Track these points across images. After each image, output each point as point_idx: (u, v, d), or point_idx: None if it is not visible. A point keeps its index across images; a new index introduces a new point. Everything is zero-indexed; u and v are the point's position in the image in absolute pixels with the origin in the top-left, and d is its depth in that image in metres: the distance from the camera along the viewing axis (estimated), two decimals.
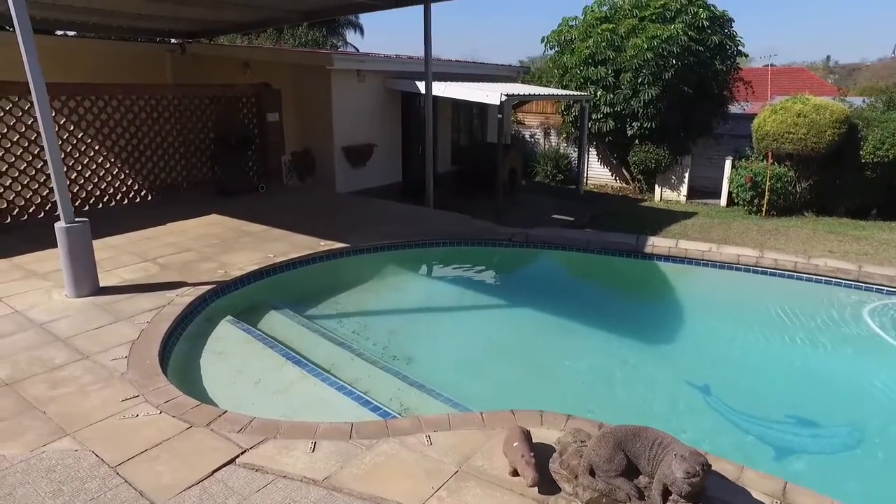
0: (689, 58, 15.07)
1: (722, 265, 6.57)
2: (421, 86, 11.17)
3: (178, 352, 4.41)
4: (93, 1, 8.73)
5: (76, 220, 4.95)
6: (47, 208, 7.55)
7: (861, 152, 13.83)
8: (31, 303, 4.87)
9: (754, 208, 14.75)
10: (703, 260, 6.66)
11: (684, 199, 16.86)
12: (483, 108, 14.73)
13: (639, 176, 17.29)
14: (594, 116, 16.72)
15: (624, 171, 18.35)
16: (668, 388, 4.95)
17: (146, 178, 8.78)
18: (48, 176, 7.02)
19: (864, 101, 15.86)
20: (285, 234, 7.03)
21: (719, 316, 6.07)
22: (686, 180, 16.74)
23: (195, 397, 3.52)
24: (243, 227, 7.34)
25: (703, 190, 17.06)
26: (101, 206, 8.22)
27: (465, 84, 11.73)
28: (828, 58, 50.88)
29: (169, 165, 9.02)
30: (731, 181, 15.40)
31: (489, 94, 10.43)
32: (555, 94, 14.74)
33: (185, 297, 4.99)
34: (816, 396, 4.68)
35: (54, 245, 4.99)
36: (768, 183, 14.26)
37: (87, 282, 5.02)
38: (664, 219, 14.07)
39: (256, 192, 9.56)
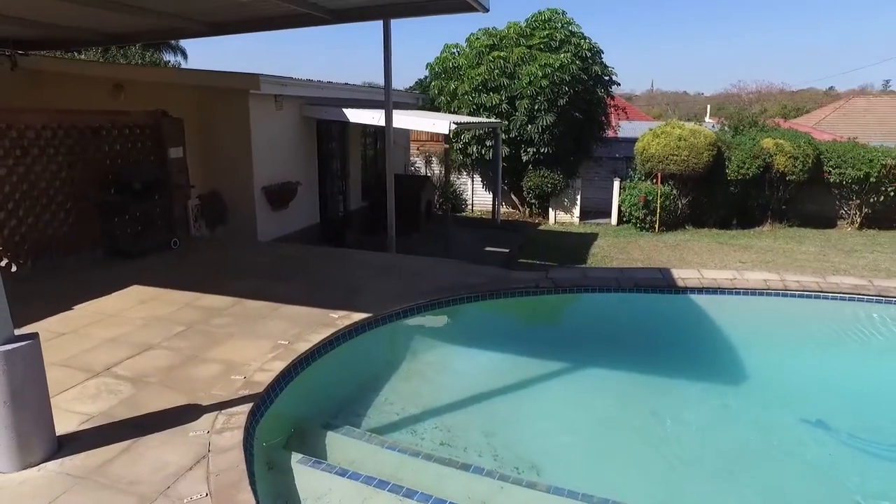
0: (578, 85, 15.67)
1: (753, 292, 6.40)
2: (349, 113, 9.82)
3: None
4: None
5: (19, 335, 2.92)
6: None
7: (727, 171, 15.51)
8: None
9: (646, 225, 15.70)
10: (733, 289, 6.43)
11: (577, 220, 17.43)
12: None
13: (533, 200, 17.49)
14: (487, 143, 16.59)
15: (513, 196, 18.49)
16: (788, 430, 4.55)
17: (9, 239, 6.19)
18: None
19: (713, 126, 18.00)
20: (269, 306, 5.28)
21: (789, 345, 5.84)
22: (578, 202, 17.33)
23: None
24: (199, 303, 5.39)
25: (587, 210, 17.83)
26: None
27: (406, 112, 10.58)
28: (651, 84, 57.72)
29: (42, 221, 6.49)
30: (622, 201, 16.25)
31: (436, 122, 9.44)
32: (485, 122, 14.28)
33: (223, 432, 3.22)
34: None
35: None
36: (659, 201, 15.28)
37: (40, 439, 2.99)
38: (579, 242, 14.26)
39: (169, 249, 7.36)
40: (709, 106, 30.60)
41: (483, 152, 16.66)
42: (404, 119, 9.52)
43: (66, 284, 5.89)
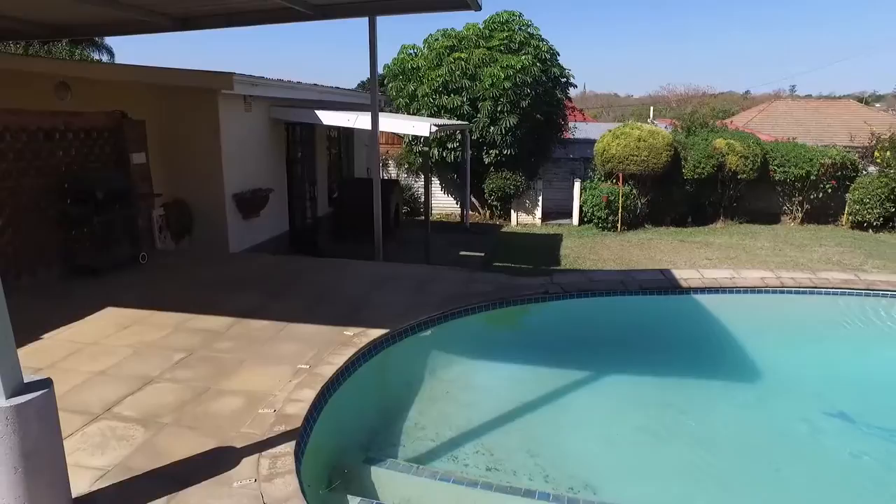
0: (539, 87, 15.71)
1: (753, 290, 6.47)
2: (322, 116, 9.34)
3: None
4: None
5: (29, 382, 2.40)
6: None
7: (683, 171, 15.98)
8: None
9: (609, 225, 15.93)
10: (734, 287, 6.47)
11: (539, 221, 17.49)
12: (349, 140, 13.15)
13: (495, 202, 17.40)
14: (449, 146, 16.36)
15: (474, 198, 18.34)
16: (811, 422, 4.57)
17: None
18: None
19: (666, 128, 18.54)
20: (274, 326, 4.81)
21: (796, 340, 5.90)
22: (540, 203, 17.39)
23: None
24: (192, 325, 4.84)
25: (548, 211, 17.94)
26: None
27: (382, 115, 10.15)
28: (584, 86, 58.93)
29: None
30: (584, 201, 16.42)
31: (416, 124, 9.09)
32: (458, 124, 14.01)
33: (272, 479, 2.79)
34: None
35: None
36: (621, 201, 15.54)
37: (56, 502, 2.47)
38: (548, 244, 14.27)
39: (136, 264, 6.66)
40: (652, 108, 31.62)
41: (444, 155, 16.41)
42: (384, 122, 9.12)
43: (26, 309, 5.15)
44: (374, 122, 7.32)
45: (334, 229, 11.90)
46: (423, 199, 18.89)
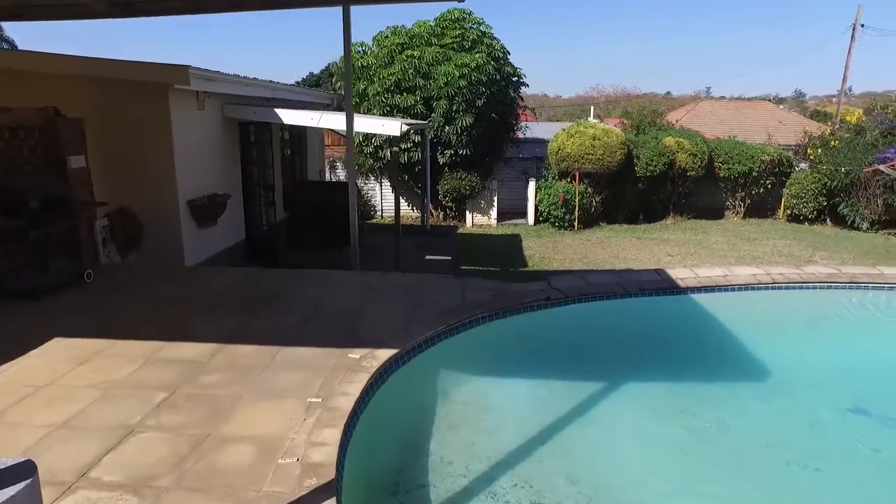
0: (493, 86, 15.48)
1: (746, 287, 6.41)
2: (283, 115, 8.64)
3: None
4: None
5: (5, 468, 1.76)
6: None
7: (636, 168, 16.22)
8: None
9: (565, 224, 15.92)
10: (729, 285, 6.39)
11: (495, 222, 17.28)
12: (302, 141, 12.39)
13: (449, 204, 17.04)
14: (403, 146, 15.84)
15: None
16: (830, 420, 4.50)
17: None
18: None
19: (614, 126, 18.78)
20: (265, 351, 4.19)
21: (795, 335, 5.86)
22: (495, 204, 17.18)
23: None
24: (165, 354, 4.14)
25: (503, 212, 17.77)
26: None
27: (337, 114, 9.50)
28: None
29: None
30: (540, 201, 16.34)
31: (385, 123, 8.53)
32: (422, 123, 13.49)
33: None
34: None
35: None
36: (577, 200, 15.56)
37: None
38: (509, 245, 14.05)
39: (81, 283, 5.78)
40: (592, 108, 32.28)
41: (406, 157, 15.88)
42: (360, 122, 8.47)
43: None
44: (349, 119, 6.74)
45: (290, 236, 11.15)
46: (372, 203, 18.34)
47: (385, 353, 4.18)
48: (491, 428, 4.22)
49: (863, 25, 23.63)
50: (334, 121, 8.81)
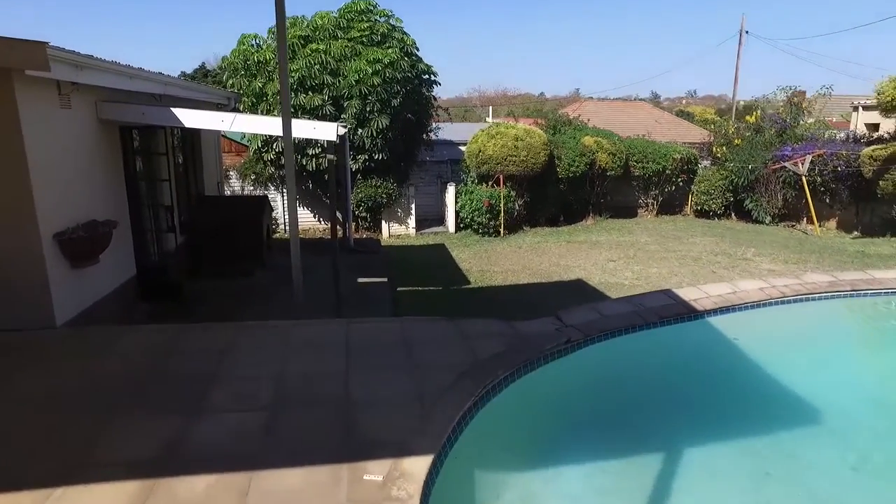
0: (408, 85, 14.22)
1: (760, 304, 5.80)
2: (184, 116, 6.78)
3: None
4: None
5: None
6: None
7: (558, 170, 15.77)
8: None
9: (489, 230, 15.07)
10: (742, 303, 5.74)
11: (413, 231, 16.04)
12: (195, 148, 10.30)
13: (364, 213, 15.52)
14: (309, 152, 14.09)
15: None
16: None
17: None
18: None
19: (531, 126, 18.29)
20: (231, 483, 2.64)
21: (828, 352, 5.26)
22: (413, 212, 15.92)
23: None
24: None
25: (419, 219, 16.55)
26: None
27: (213, 113, 7.67)
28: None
29: None
30: (461, 206, 15.36)
31: (317, 126, 6.91)
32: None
33: None
34: None
35: None
36: (503, 204, 14.77)
37: None
38: (438, 258, 12.90)
39: None
40: (491, 108, 32.06)
41: (305, 163, 14.11)
42: (276, 124, 6.74)
43: None
44: (287, 124, 5.15)
45: (192, 264, 9.12)
46: (274, 215, 16.27)
47: (416, 465, 2.81)
48: None
49: (747, 32, 25.48)
50: (251, 123, 7.06)
